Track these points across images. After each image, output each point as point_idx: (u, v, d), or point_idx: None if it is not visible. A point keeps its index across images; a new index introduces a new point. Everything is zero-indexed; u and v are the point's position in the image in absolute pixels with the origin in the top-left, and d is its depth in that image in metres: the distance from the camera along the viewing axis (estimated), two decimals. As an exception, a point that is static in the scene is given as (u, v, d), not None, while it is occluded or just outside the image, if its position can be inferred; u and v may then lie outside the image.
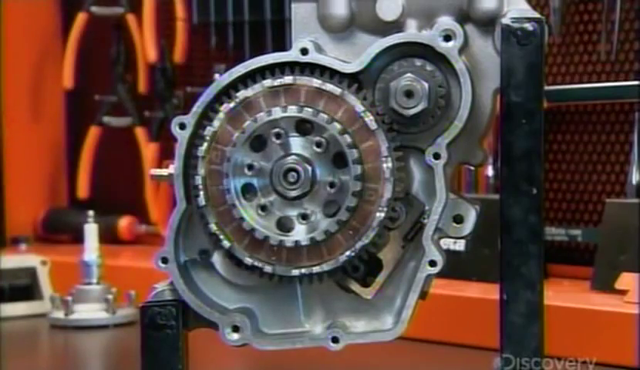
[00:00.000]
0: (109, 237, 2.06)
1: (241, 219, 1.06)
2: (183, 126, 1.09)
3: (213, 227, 1.07)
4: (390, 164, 1.05)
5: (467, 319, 1.45)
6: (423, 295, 1.10)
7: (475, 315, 1.43)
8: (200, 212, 1.07)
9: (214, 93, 1.09)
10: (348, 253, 1.06)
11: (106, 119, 2.22)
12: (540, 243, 1.03)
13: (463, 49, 1.07)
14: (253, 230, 1.06)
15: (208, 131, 1.07)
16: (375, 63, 1.07)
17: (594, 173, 1.64)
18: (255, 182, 1.07)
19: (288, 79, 1.06)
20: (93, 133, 2.23)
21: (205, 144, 1.07)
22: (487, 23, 1.07)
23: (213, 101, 1.09)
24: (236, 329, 1.09)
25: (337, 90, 1.05)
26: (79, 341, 1.63)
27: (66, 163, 2.39)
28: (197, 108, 1.09)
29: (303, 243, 1.05)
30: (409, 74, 1.06)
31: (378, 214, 1.05)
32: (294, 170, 1.06)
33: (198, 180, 1.07)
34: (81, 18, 2.21)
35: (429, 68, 1.06)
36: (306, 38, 1.08)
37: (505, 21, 1.03)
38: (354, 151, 1.04)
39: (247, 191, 1.07)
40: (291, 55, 1.07)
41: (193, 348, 1.12)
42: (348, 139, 1.04)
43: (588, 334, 1.33)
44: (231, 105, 1.07)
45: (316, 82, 1.06)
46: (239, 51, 1.99)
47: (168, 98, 2.12)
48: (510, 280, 1.03)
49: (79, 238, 1.79)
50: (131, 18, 2.17)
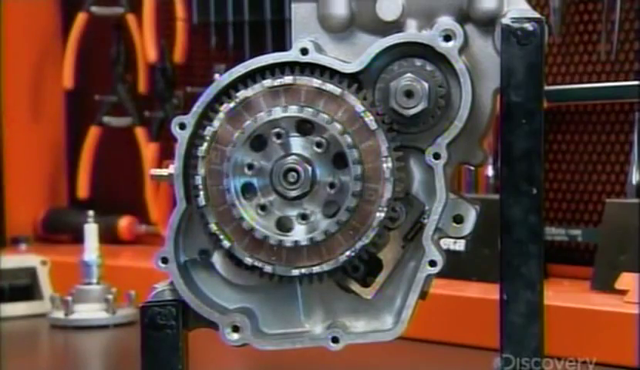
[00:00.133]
0: (109, 237, 2.06)
1: (241, 218, 1.06)
2: (183, 126, 1.09)
3: (213, 226, 1.07)
4: (390, 164, 1.05)
5: (467, 319, 1.45)
6: (423, 295, 1.10)
7: (475, 315, 1.43)
8: (200, 212, 1.07)
9: (214, 93, 1.08)
10: (348, 253, 1.06)
11: (106, 119, 2.21)
12: (540, 243, 1.03)
13: (463, 49, 1.07)
14: (252, 229, 1.06)
15: (208, 131, 1.07)
16: (375, 63, 1.07)
17: (594, 173, 1.64)
18: (255, 181, 1.07)
19: (288, 79, 1.06)
20: (93, 133, 2.23)
21: (205, 144, 1.07)
22: (487, 23, 1.07)
23: (213, 101, 1.08)
24: (236, 329, 1.09)
25: (337, 90, 1.05)
26: (79, 341, 1.63)
27: (66, 163, 2.39)
28: (197, 108, 1.09)
29: (302, 244, 1.05)
30: (409, 74, 1.06)
31: (378, 214, 1.05)
32: (294, 170, 1.06)
33: (198, 180, 1.07)
34: (81, 18, 2.21)
35: (429, 68, 1.06)
36: (306, 38, 1.08)
37: (505, 21, 1.03)
38: (354, 151, 1.04)
39: (247, 191, 1.07)
40: (291, 55, 1.07)
41: (193, 348, 1.12)
42: (348, 139, 1.04)
43: (588, 334, 1.33)
44: (231, 105, 1.07)
45: (316, 82, 1.06)
46: (239, 51, 1.99)
47: (168, 98, 2.12)
48: (510, 280, 1.03)
49: (79, 238, 1.79)
50: (131, 18, 2.17)
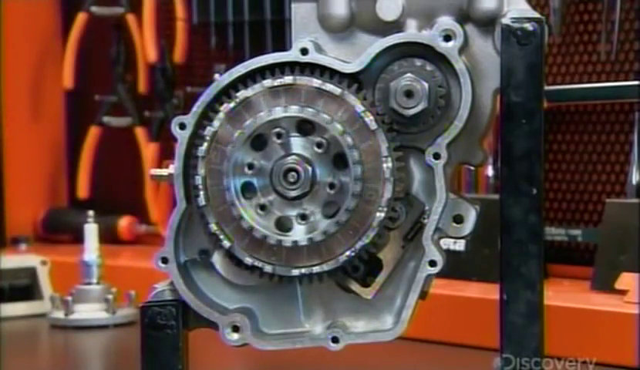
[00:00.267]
0: (109, 237, 2.06)
1: (240, 218, 1.06)
2: (183, 126, 1.09)
3: (214, 226, 1.07)
4: (390, 164, 1.05)
5: (467, 319, 1.44)
6: (423, 295, 1.10)
7: (475, 315, 1.43)
8: (200, 212, 1.07)
9: (214, 93, 1.08)
10: (348, 253, 1.06)
11: (106, 119, 2.21)
12: (540, 243, 1.03)
13: (463, 49, 1.07)
14: (252, 229, 1.06)
15: (208, 131, 1.07)
16: (375, 63, 1.07)
17: (594, 173, 1.64)
18: (255, 181, 1.07)
19: (288, 79, 1.06)
20: (93, 133, 2.23)
21: (205, 144, 1.07)
22: (487, 23, 1.07)
23: (213, 101, 1.08)
24: (236, 329, 1.09)
25: (337, 90, 1.05)
26: (79, 341, 1.63)
27: (66, 163, 2.39)
28: (197, 108, 1.09)
29: (301, 244, 1.05)
30: (409, 74, 1.06)
31: (378, 214, 1.05)
32: (295, 170, 1.06)
33: (198, 180, 1.07)
34: (81, 18, 2.21)
35: (429, 68, 1.06)
36: (306, 38, 1.08)
37: (505, 21, 1.03)
38: (354, 152, 1.04)
39: (247, 190, 1.07)
40: (291, 55, 1.07)
41: (193, 348, 1.12)
42: (348, 140, 1.04)
43: (588, 334, 1.33)
44: (231, 105, 1.07)
45: (316, 82, 1.06)
46: (239, 51, 1.99)
47: (168, 98, 2.12)
48: (510, 280, 1.03)
49: (79, 238, 1.79)
50: (131, 18, 2.16)
